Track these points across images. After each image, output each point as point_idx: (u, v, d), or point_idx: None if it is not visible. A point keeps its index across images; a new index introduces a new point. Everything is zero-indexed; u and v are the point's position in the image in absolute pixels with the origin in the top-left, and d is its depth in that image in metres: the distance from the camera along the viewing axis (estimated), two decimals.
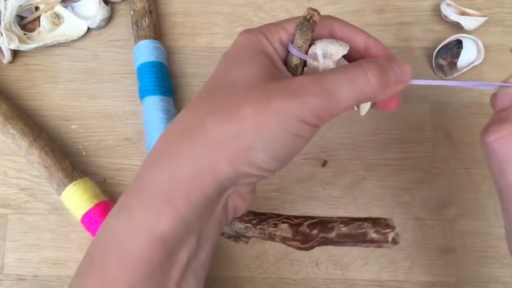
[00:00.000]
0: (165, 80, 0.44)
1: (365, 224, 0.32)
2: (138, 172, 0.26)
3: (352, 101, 0.25)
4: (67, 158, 0.43)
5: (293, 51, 0.27)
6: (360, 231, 0.32)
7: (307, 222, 0.33)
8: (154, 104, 0.43)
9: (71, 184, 0.41)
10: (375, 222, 0.32)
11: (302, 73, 0.28)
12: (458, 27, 0.46)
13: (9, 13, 0.45)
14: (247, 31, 0.28)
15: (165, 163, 0.25)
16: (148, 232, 0.24)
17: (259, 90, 0.25)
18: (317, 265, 0.42)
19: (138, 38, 0.45)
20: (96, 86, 0.46)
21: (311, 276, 0.42)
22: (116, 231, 0.25)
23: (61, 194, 0.41)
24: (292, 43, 0.27)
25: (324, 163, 0.44)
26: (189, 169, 0.24)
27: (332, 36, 0.29)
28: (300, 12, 0.47)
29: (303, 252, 0.42)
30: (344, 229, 0.32)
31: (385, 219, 0.32)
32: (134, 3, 0.46)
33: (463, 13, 0.45)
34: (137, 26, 0.45)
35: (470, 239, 0.43)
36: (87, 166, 0.44)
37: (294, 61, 0.27)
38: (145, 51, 0.44)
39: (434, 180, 0.44)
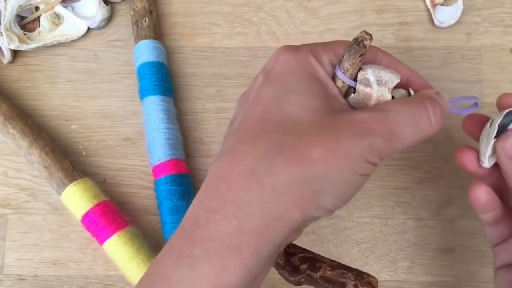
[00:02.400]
0: (165, 80, 0.44)
1: (348, 274, 0.31)
2: (194, 211, 0.24)
3: (413, 142, 0.25)
4: (67, 158, 0.43)
5: (339, 74, 0.26)
6: (341, 280, 0.30)
7: (301, 255, 0.32)
8: (154, 104, 0.43)
9: (71, 184, 0.41)
10: (358, 275, 0.31)
11: (346, 96, 0.27)
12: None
13: (9, 13, 0.45)
14: (292, 49, 0.27)
15: (231, 211, 0.23)
16: (212, 286, 0.23)
17: (325, 129, 0.24)
18: None
19: (138, 38, 0.45)
20: (96, 86, 0.46)
21: None
22: (175, 282, 0.23)
23: (61, 194, 0.41)
24: (339, 65, 0.26)
25: None
26: (259, 219, 0.23)
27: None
28: (300, 12, 0.47)
29: None
30: (329, 273, 0.31)
31: (368, 276, 0.31)
32: (134, 3, 0.46)
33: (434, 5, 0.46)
34: (137, 26, 0.45)
35: (470, 239, 0.43)
36: (87, 166, 0.44)
37: (339, 84, 0.26)
38: (145, 51, 0.44)
39: (434, 180, 0.44)
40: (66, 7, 0.47)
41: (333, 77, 0.26)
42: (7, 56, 0.46)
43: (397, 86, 0.28)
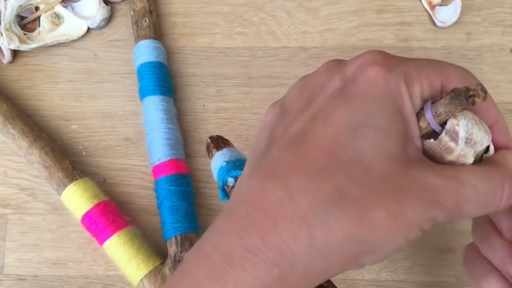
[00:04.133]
0: (165, 80, 0.44)
1: None
2: (229, 244, 0.21)
3: (473, 216, 0.23)
4: (67, 158, 0.43)
5: (429, 116, 0.22)
6: None
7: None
8: (154, 104, 0.43)
9: (71, 184, 0.41)
10: None
11: (423, 137, 0.23)
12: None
13: (9, 13, 0.45)
14: (385, 66, 0.22)
15: (274, 256, 0.20)
16: None
17: (395, 187, 0.21)
18: None
19: (138, 38, 0.45)
20: (96, 86, 0.46)
21: None
22: None
23: (61, 194, 0.41)
24: (432, 104, 0.22)
25: None
26: (301, 272, 0.21)
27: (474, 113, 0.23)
28: (300, 12, 0.47)
29: None
30: None
31: None
32: (134, 3, 0.46)
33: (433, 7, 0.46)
34: (137, 26, 0.45)
35: (470, 239, 0.42)
36: (87, 166, 0.44)
37: (422, 124, 0.22)
38: (145, 51, 0.44)
39: None
40: (66, 7, 0.47)
41: (418, 113, 0.23)
42: (7, 56, 0.46)
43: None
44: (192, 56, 0.47)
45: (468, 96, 0.21)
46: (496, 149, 0.24)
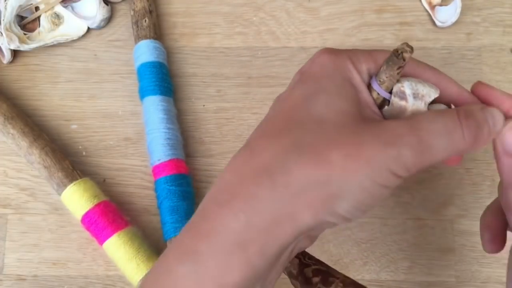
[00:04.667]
0: (165, 80, 0.44)
1: None
2: (205, 205, 0.24)
3: (444, 156, 0.23)
4: (67, 158, 0.43)
5: (375, 85, 0.25)
6: None
7: (315, 267, 0.31)
8: (154, 104, 0.43)
9: (71, 184, 0.41)
10: None
11: (381, 109, 0.26)
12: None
13: (9, 13, 0.45)
14: (331, 52, 0.26)
15: (240, 205, 0.22)
16: (216, 284, 0.22)
17: (350, 131, 0.23)
18: None
19: (138, 38, 0.45)
20: (96, 86, 0.46)
21: None
22: (179, 277, 0.23)
23: (61, 194, 0.41)
24: (376, 76, 0.25)
25: None
26: (268, 216, 0.22)
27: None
28: (300, 12, 0.47)
29: None
30: None
31: None
32: (134, 3, 0.46)
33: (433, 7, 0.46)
34: (137, 26, 0.45)
35: (470, 239, 0.43)
36: (87, 166, 0.45)
37: (374, 95, 0.25)
38: (145, 51, 0.44)
39: (434, 180, 0.44)
40: (66, 7, 0.47)
41: (369, 88, 0.26)
42: (7, 56, 0.46)
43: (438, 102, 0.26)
44: (192, 56, 0.47)
45: (398, 55, 0.24)
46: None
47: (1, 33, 0.45)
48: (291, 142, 0.23)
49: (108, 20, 0.47)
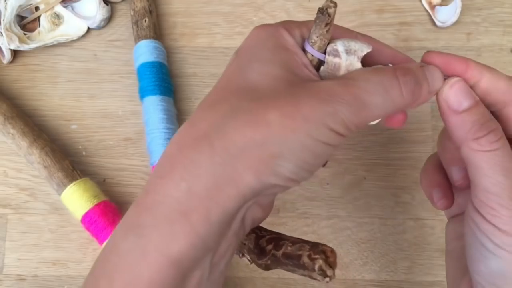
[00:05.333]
0: (165, 80, 0.44)
1: (305, 246, 0.29)
2: (149, 181, 0.23)
3: (382, 113, 0.24)
4: (67, 158, 0.43)
5: (308, 47, 0.25)
6: (298, 253, 0.28)
7: (269, 236, 0.30)
8: (154, 104, 0.43)
9: (71, 184, 0.41)
10: (313, 246, 0.29)
11: (317, 70, 0.26)
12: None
13: (9, 13, 0.45)
14: (265, 25, 0.26)
15: (180, 173, 0.22)
16: (161, 254, 0.22)
17: (286, 94, 0.23)
18: None
19: (138, 38, 0.45)
20: (96, 86, 0.46)
21: None
22: (124, 252, 0.22)
23: (61, 194, 0.41)
24: (308, 39, 0.25)
25: (324, 163, 0.44)
26: (209, 181, 0.22)
27: None
28: (300, 12, 0.47)
29: None
30: (289, 249, 0.29)
31: (323, 245, 0.28)
32: (134, 3, 0.46)
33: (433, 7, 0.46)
34: (137, 26, 0.45)
35: None
36: (87, 166, 0.45)
37: (309, 57, 0.26)
38: (145, 51, 0.44)
39: None
40: (66, 7, 0.47)
41: (304, 51, 0.26)
42: (7, 56, 0.46)
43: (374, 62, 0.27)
44: (192, 56, 0.47)
45: (323, 11, 0.24)
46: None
47: (1, 33, 0.45)
48: (227, 109, 0.23)
49: (108, 20, 0.47)
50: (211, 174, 0.22)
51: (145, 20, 0.45)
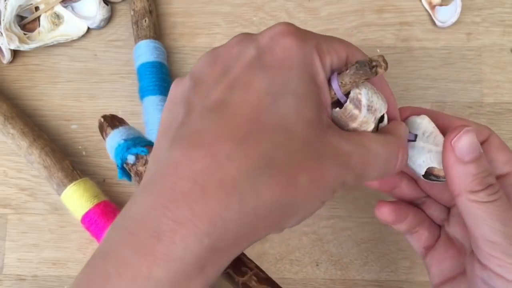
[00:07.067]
0: (165, 80, 0.44)
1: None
2: (156, 218, 0.20)
3: (375, 179, 0.25)
4: (67, 158, 0.43)
5: (335, 86, 0.24)
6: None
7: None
8: (154, 104, 0.43)
9: (71, 184, 0.41)
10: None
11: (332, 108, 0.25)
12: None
13: (9, 13, 0.45)
14: (297, 35, 0.23)
15: (205, 227, 0.20)
16: None
17: (315, 153, 0.22)
18: (317, 265, 0.42)
19: (138, 38, 0.45)
20: (96, 86, 0.46)
21: (311, 276, 0.42)
22: None
23: (61, 194, 0.41)
24: (338, 75, 0.24)
25: None
26: (231, 239, 0.20)
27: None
28: (300, 12, 0.47)
29: (303, 252, 0.42)
30: (254, 284, 0.29)
31: None
32: (134, 3, 0.46)
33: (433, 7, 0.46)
34: (137, 26, 0.45)
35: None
36: (87, 166, 0.44)
37: (331, 94, 0.24)
38: (145, 51, 0.44)
39: None
40: (66, 7, 0.47)
41: (329, 84, 0.25)
42: (7, 56, 0.46)
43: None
44: (192, 56, 0.47)
45: (371, 67, 0.23)
46: (388, 120, 0.26)
47: (1, 33, 0.45)
48: (260, 156, 0.20)
49: (108, 20, 0.47)
50: (236, 233, 0.20)
51: (145, 20, 0.45)
